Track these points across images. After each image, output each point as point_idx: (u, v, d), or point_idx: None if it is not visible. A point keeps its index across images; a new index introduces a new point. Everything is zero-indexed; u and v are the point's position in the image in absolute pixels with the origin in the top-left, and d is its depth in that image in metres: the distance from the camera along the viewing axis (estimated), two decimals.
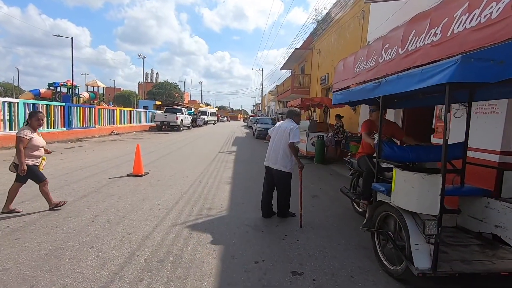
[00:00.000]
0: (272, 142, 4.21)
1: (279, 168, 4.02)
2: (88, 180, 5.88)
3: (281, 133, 4.05)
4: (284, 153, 4.00)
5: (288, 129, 3.96)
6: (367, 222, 3.23)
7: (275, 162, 4.05)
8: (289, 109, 4.44)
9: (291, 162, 4.06)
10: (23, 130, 3.79)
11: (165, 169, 7.38)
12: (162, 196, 5.00)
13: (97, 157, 8.78)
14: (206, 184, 6.01)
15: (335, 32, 13.06)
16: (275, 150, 4.09)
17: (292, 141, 3.90)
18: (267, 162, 4.22)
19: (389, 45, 6.06)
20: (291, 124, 4.06)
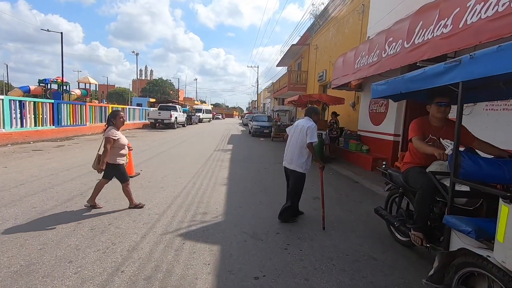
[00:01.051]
0: (289, 141, 4.04)
1: (294, 168, 3.85)
2: (74, 182, 5.50)
3: (298, 132, 3.86)
4: (300, 153, 3.80)
5: (305, 128, 3.74)
6: (434, 275, 2.09)
7: (291, 161, 3.90)
8: (309, 106, 4.20)
9: (307, 163, 3.85)
10: (111, 130, 3.88)
11: (158, 169, 7.01)
12: (153, 199, 4.65)
13: (86, 156, 8.36)
14: (201, 185, 5.67)
15: (333, 28, 12.74)
16: (292, 149, 3.91)
17: (310, 142, 3.67)
18: (284, 162, 4.06)
19: (393, 39, 5.76)
20: (308, 122, 3.83)
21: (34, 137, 11.64)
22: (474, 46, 3.73)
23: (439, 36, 4.40)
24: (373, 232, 3.68)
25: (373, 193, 5.74)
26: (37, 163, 7.17)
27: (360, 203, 4.96)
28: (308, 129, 3.70)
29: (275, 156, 10.22)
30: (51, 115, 12.92)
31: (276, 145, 13.81)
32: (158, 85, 71.53)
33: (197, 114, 34.68)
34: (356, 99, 10.00)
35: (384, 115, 7.94)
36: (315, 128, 3.75)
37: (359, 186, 6.27)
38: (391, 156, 7.53)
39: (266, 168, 7.80)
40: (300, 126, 3.86)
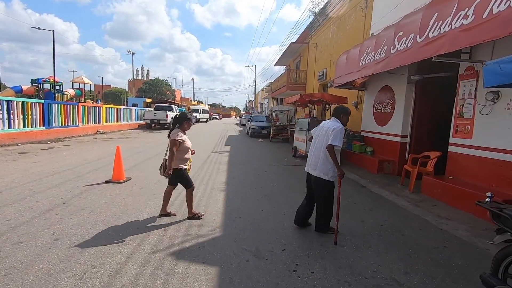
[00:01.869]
0: (313, 144, 3.66)
1: (318, 174, 3.45)
2: (58, 188, 5.03)
3: (323, 134, 3.48)
4: (325, 157, 3.39)
5: (330, 129, 3.35)
6: None
7: (315, 167, 3.49)
8: (337, 106, 3.80)
9: (334, 169, 3.41)
10: (177, 133, 3.70)
11: (151, 173, 6.56)
12: (143, 209, 4.20)
13: (75, 159, 7.89)
14: (197, 191, 5.22)
15: (333, 25, 12.35)
16: (316, 153, 3.53)
17: (331, 144, 3.26)
18: (307, 167, 3.70)
19: (404, 33, 5.35)
20: (335, 124, 3.44)
21: (23, 138, 11.11)
22: (504, 36, 3.33)
23: (458, 28, 4.00)
24: (390, 247, 3.27)
25: (383, 199, 5.33)
26: (22, 167, 6.69)
27: (371, 211, 4.54)
28: (334, 131, 3.30)
29: (274, 158, 9.80)
30: (41, 115, 12.39)
31: (275, 146, 13.39)
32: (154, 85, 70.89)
33: (194, 115, 34.11)
34: (359, 99, 9.60)
35: (390, 115, 7.55)
36: (341, 130, 3.34)
37: (366, 191, 5.86)
38: (398, 158, 7.14)
39: (266, 172, 7.37)
40: (326, 127, 3.47)
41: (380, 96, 8.18)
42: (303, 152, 9.36)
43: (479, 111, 4.82)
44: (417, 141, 6.95)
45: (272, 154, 10.79)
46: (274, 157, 10.01)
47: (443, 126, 7.12)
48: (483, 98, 4.71)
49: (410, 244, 3.35)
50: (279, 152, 11.40)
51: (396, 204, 4.98)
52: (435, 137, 6.96)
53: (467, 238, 3.55)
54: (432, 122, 6.96)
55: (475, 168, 4.89)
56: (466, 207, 4.50)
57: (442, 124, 7.11)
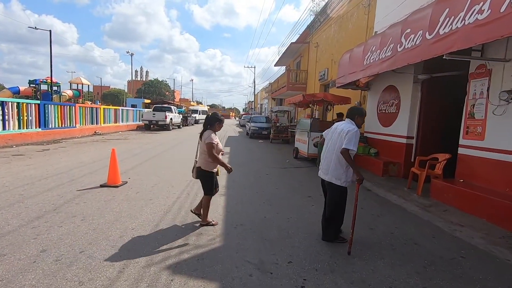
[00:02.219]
0: (325, 147, 3.47)
1: (330, 179, 3.28)
2: (50, 193, 4.79)
3: (336, 137, 3.26)
4: (338, 161, 3.19)
5: (345, 131, 3.13)
6: None
7: (326, 172, 3.34)
8: (352, 107, 3.55)
9: (347, 174, 3.20)
10: (211, 135, 3.54)
11: (148, 176, 6.32)
12: (139, 215, 3.96)
13: (71, 161, 7.65)
14: (196, 196, 4.99)
15: (335, 24, 12.14)
16: (328, 157, 3.35)
17: (345, 148, 3.03)
18: (319, 172, 3.52)
19: (411, 30, 5.12)
20: (349, 125, 3.22)
21: (18, 140, 10.87)
22: None
23: (472, 24, 3.77)
24: (404, 259, 3.03)
25: (391, 204, 5.11)
26: (14, 170, 6.45)
27: (379, 217, 4.31)
28: (348, 134, 3.08)
29: (275, 160, 9.56)
30: (37, 116, 12.16)
31: (275, 147, 13.16)
32: (153, 86, 70.58)
33: (193, 115, 33.90)
34: (362, 99, 9.38)
35: (395, 115, 7.33)
36: (356, 133, 3.12)
37: (372, 195, 5.63)
38: (403, 160, 6.91)
39: (268, 174, 7.14)
40: (339, 129, 3.25)
41: (384, 96, 7.96)
42: (304, 154, 9.13)
43: (492, 111, 4.60)
44: (424, 142, 6.72)
45: (273, 156, 10.56)
46: (275, 159, 9.78)
47: (451, 127, 6.91)
48: (497, 98, 4.48)
49: (425, 254, 3.12)
50: (280, 154, 11.17)
51: (405, 209, 4.75)
52: (442, 139, 6.74)
53: (484, 247, 3.32)
54: (439, 123, 6.73)
55: (488, 171, 4.67)
56: (479, 212, 4.27)
57: (450, 125, 6.90)
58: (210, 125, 3.63)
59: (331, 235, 3.34)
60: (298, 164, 8.83)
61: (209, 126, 3.62)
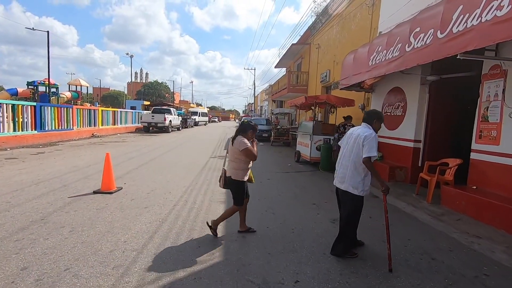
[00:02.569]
0: (341, 153, 3.21)
1: (346, 188, 3.01)
2: (39, 200, 4.52)
3: (352, 143, 3.01)
4: (355, 169, 2.94)
5: (362, 137, 2.88)
6: None
7: (342, 180, 3.06)
8: (370, 110, 3.31)
9: (364, 182, 2.96)
10: (244, 140, 3.36)
11: (145, 181, 6.05)
12: (132, 226, 3.68)
13: (65, 165, 7.38)
14: (194, 203, 4.72)
15: (337, 25, 11.92)
16: (344, 164, 3.08)
17: (367, 156, 2.80)
18: (334, 180, 3.25)
19: (421, 29, 4.87)
20: (366, 130, 2.96)
21: (13, 143, 10.60)
22: None
23: (490, 21, 3.52)
24: (422, 277, 2.75)
25: (400, 212, 4.84)
26: (5, 174, 6.18)
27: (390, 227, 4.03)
28: (366, 139, 2.83)
29: (277, 163, 9.29)
30: (33, 118, 11.90)
31: (276, 150, 12.90)
32: (153, 88, 70.39)
33: (193, 117, 33.67)
34: (366, 101, 9.14)
35: (402, 118, 7.07)
36: (375, 138, 2.87)
37: (380, 202, 5.32)
38: (411, 164, 6.64)
39: (270, 179, 6.87)
40: (355, 135, 2.99)
41: (389, 98, 7.71)
42: (307, 157, 8.87)
43: (508, 114, 4.34)
44: (432, 146, 6.46)
45: (274, 159, 10.30)
46: (276, 163, 9.51)
47: (461, 130, 6.65)
48: None
49: (445, 272, 2.84)
50: (281, 157, 10.91)
51: (415, 218, 4.48)
52: (451, 143, 6.49)
53: (508, 263, 3.05)
54: (447, 126, 6.48)
55: (503, 178, 4.40)
56: (496, 222, 4.00)
57: (459, 128, 6.64)
58: (243, 132, 3.46)
59: (340, 249, 3.07)
60: (300, 168, 8.56)
61: (242, 133, 3.45)
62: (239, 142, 3.33)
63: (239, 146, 3.31)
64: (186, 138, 17.30)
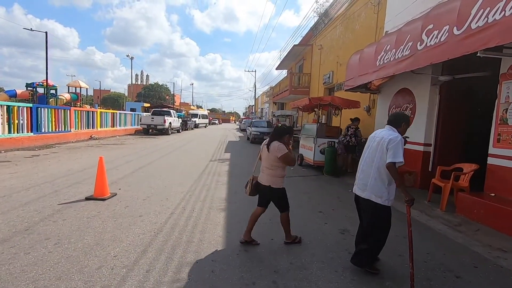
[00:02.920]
0: (362, 158, 2.90)
1: (368, 197, 2.72)
2: (26, 208, 4.21)
3: (375, 146, 2.71)
4: (378, 175, 2.64)
5: (386, 140, 2.59)
6: None
7: (364, 187, 2.76)
8: (397, 112, 3.04)
9: (389, 191, 2.67)
10: (282, 145, 3.16)
11: (141, 186, 5.74)
12: (124, 238, 3.37)
13: (59, 169, 7.08)
14: (192, 212, 4.41)
15: (341, 25, 11.65)
16: (365, 170, 2.79)
17: (391, 162, 2.49)
18: (354, 187, 2.95)
19: (435, 26, 4.58)
20: (391, 133, 2.66)
21: (7, 145, 10.30)
22: None
23: None
24: None
25: (414, 222, 4.45)
26: None
27: (406, 239, 3.70)
28: (390, 143, 2.54)
29: None
30: (29, 120, 11.61)
31: None
32: (153, 90, 70.18)
33: (193, 119, 33.39)
34: (372, 103, 8.84)
35: (411, 120, 6.77)
36: (401, 141, 2.57)
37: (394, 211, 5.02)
38: (420, 168, 6.33)
39: None
40: (379, 138, 2.70)
41: (396, 100, 7.41)
42: (310, 161, 8.55)
43: None
44: (443, 150, 6.15)
45: None
46: None
47: (474, 133, 6.35)
48: None
49: None
50: None
51: (432, 229, 4.16)
52: (463, 146, 6.19)
53: None
54: (459, 129, 6.18)
55: None
56: None
57: (473, 131, 6.35)
58: (279, 137, 3.25)
59: (363, 261, 2.76)
60: (303, 173, 8.24)
61: (277, 138, 3.24)
62: (277, 148, 3.13)
63: (277, 153, 3.12)
64: (186, 141, 17.01)
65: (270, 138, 3.32)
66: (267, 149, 3.25)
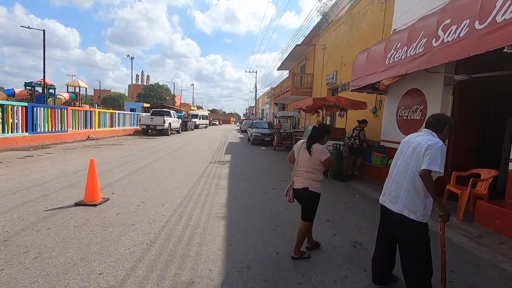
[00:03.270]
0: (393, 165, 2.46)
1: (401, 211, 2.29)
2: (9, 215, 3.87)
3: (410, 152, 2.31)
4: (413, 187, 2.25)
5: (424, 146, 2.20)
6: None
7: (395, 199, 2.35)
8: (439, 114, 2.53)
9: (426, 204, 2.25)
10: (325, 148, 2.99)
11: (136, 190, 5.40)
12: (113, 250, 3.03)
13: (51, 171, 6.74)
14: (189, 220, 4.07)
15: (345, 24, 11.33)
16: (398, 180, 2.36)
17: (426, 169, 2.10)
18: (382, 197, 2.53)
19: (453, 20, 4.24)
20: (430, 138, 2.25)
21: (1, 145, 9.98)
22: None
23: None
24: None
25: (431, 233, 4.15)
26: None
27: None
28: (429, 149, 2.15)
29: (281, 170, 8.64)
30: (24, 120, 11.29)
31: (280, 156, 12.24)
32: (154, 90, 69.92)
33: (193, 120, 33.08)
34: (378, 104, 8.51)
35: (421, 123, 6.43)
36: (442, 148, 2.16)
37: None
38: None
39: (275, 189, 6.21)
40: (415, 143, 2.30)
41: (405, 101, 7.08)
42: None
43: None
44: (457, 155, 5.81)
45: (278, 165, 9.64)
46: (280, 169, 8.86)
47: (491, 137, 6.01)
48: None
49: None
50: (286, 163, 10.20)
51: (451, 241, 3.80)
52: (479, 151, 5.85)
53: None
54: (474, 132, 5.84)
55: None
56: None
57: (490, 134, 6.00)
58: (320, 138, 3.05)
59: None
60: None
61: (319, 139, 3.04)
62: (321, 151, 2.94)
63: (321, 156, 2.93)
64: (185, 141, 16.68)
65: (309, 139, 3.05)
66: (308, 152, 2.98)
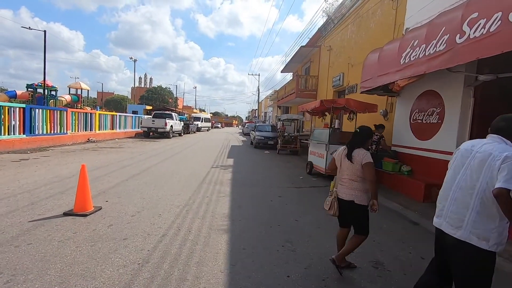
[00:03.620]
0: (451, 180, 1.92)
1: (465, 238, 1.76)
2: None
3: (476, 166, 1.80)
4: (483, 209, 1.73)
5: (497, 157, 1.70)
6: None
7: (458, 223, 1.80)
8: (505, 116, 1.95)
9: (500, 231, 1.72)
10: (368, 153, 2.72)
11: (132, 198, 5.01)
12: (99, 271, 2.63)
13: (45, 175, 6.38)
14: (188, 233, 3.66)
15: (353, 24, 10.95)
16: (460, 199, 1.83)
17: (504, 188, 1.58)
18: (438, 219, 1.97)
19: (481, 14, 3.85)
20: (505, 147, 1.75)
21: None
22: None
23: None
24: None
25: None
26: None
27: None
28: (506, 161, 1.64)
29: (286, 176, 8.22)
30: (22, 121, 10.98)
31: (284, 160, 11.83)
32: (157, 93, 69.89)
33: (196, 123, 32.79)
34: (389, 106, 8.09)
35: (438, 127, 6.00)
36: None
37: (424, 233, 4.24)
38: None
39: (281, 197, 5.79)
40: (482, 154, 1.78)
41: (420, 103, 6.66)
42: (321, 170, 7.78)
43: None
44: None
45: (283, 170, 9.22)
46: (285, 175, 8.44)
47: None
48: None
49: None
50: (291, 168, 9.84)
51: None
52: None
53: None
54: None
55: None
56: None
57: None
58: (362, 143, 2.78)
59: None
60: (314, 183, 7.47)
61: (361, 143, 2.77)
62: (364, 156, 2.67)
63: (361, 160, 2.66)
64: (187, 144, 16.32)
65: (350, 144, 2.79)
66: (350, 158, 2.72)
